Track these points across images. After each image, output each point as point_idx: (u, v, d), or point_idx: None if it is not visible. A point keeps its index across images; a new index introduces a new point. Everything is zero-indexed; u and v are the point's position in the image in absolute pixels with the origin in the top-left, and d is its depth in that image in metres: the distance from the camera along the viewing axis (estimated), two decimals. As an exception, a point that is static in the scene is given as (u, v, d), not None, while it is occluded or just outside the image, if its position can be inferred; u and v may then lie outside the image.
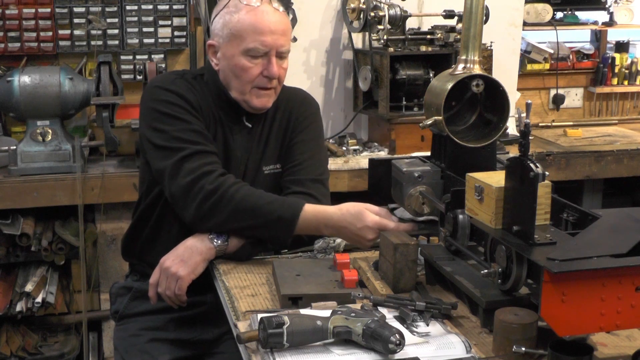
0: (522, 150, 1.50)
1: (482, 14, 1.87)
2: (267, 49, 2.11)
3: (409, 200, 1.94)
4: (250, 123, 2.21)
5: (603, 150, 3.65)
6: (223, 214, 2.00)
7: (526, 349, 1.43)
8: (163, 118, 2.10)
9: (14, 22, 3.48)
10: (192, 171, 2.02)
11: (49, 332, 3.42)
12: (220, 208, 2.00)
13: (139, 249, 2.28)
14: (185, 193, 2.02)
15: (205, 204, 2.00)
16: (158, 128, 2.10)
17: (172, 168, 2.04)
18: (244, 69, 2.12)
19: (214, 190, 2.00)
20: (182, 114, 2.10)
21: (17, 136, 3.45)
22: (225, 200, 1.99)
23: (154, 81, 2.21)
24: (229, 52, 2.13)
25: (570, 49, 4.34)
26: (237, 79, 2.14)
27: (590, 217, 1.58)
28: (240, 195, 2.00)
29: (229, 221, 2.00)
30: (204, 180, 2.01)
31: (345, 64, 3.66)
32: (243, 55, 2.11)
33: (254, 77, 2.13)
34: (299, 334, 1.48)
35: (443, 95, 1.87)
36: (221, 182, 2.01)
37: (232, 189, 2.01)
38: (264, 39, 2.10)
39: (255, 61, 2.12)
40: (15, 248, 3.25)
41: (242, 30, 2.10)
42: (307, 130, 2.26)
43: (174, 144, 2.06)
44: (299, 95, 2.34)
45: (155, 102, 2.12)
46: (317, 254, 2.07)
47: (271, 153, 2.24)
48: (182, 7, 3.63)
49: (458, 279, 1.71)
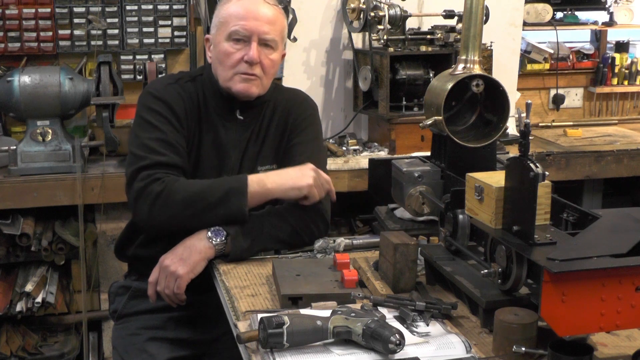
0: (522, 150, 1.50)
1: (482, 14, 1.87)
2: (248, 33, 2.14)
3: (409, 200, 1.94)
4: (242, 116, 2.22)
5: (603, 150, 3.64)
6: (176, 206, 2.03)
7: (526, 349, 1.43)
8: (143, 124, 2.16)
9: (14, 22, 3.48)
10: (144, 178, 2.07)
11: (49, 332, 3.42)
12: (170, 202, 2.03)
13: (133, 250, 2.29)
14: (137, 198, 2.07)
15: (156, 203, 2.04)
16: (135, 133, 2.17)
17: (130, 175, 2.10)
18: (227, 54, 2.15)
19: (161, 190, 2.04)
20: (160, 123, 2.14)
21: (17, 136, 3.45)
22: (172, 194, 2.03)
23: (149, 86, 2.27)
24: (216, 40, 2.19)
25: (570, 49, 4.34)
26: (221, 65, 2.18)
27: (590, 217, 1.58)
28: (184, 184, 2.05)
29: (183, 209, 2.03)
30: (152, 185, 2.05)
31: (345, 64, 3.66)
32: (226, 40, 2.16)
33: (236, 62, 2.15)
34: (299, 334, 1.48)
35: (443, 95, 1.87)
36: (167, 182, 2.06)
37: (176, 183, 2.06)
38: (245, 23, 2.13)
39: (237, 46, 2.15)
40: (15, 248, 3.25)
41: (228, 16, 2.16)
42: (306, 132, 2.27)
43: (139, 152, 2.11)
44: (298, 97, 2.35)
45: (142, 108, 2.19)
46: (317, 254, 2.07)
47: (267, 153, 2.25)
48: (182, 7, 3.63)
49: (458, 279, 1.71)
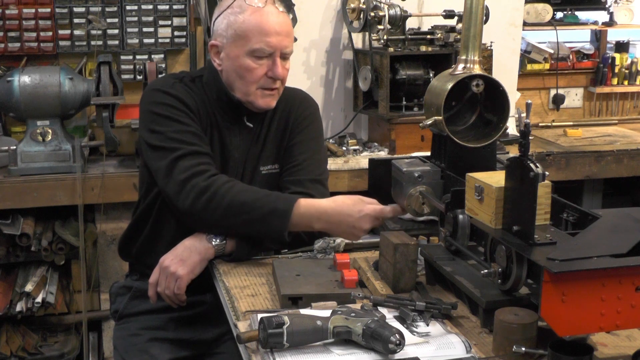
0: (522, 150, 1.50)
1: (482, 14, 1.87)
2: (272, 50, 2.11)
3: (409, 200, 1.94)
4: (251, 123, 2.22)
5: (603, 150, 3.65)
6: (219, 210, 2.00)
7: (526, 349, 1.43)
8: (160, 120, 2.11)
9: (14, 22, 3.48)
10: (186, 169, 2.04)
11: (49, 332, 3.42)
12: (215, 204, 2.00)
13: (137, 249, 2.28)
14: (178, 190, 2.03)
15: (200, 201, 2.00)
16: (155, 129, 2.12)
17: (167, 167, 2.06)
18: (249, 70, 2.12)
19: (207, 187, 2.01)
20: (179, 116, 2.11)
21: (17, 136, 3.45)
22: (219, 196, 2.00)
23: (153, 84, 2.23)
24: (234, 53, 2.13)
25: (570, 49, 4.34)
26: (242, 79, 2.14)
27: (590, 217, 1.58)
28: (234, 191, 2.02)
29: (225, 216, 2.00)
30: (197, 178, 2.02)
31: (345, 64, 3.66)
32: (248, 56, 2.12)
33: (259, 78, 2.13)
34: (299, 334, 1.48)
35: (443, 95, 1.87)
36: (213, 180, 2.03)
37: (225, 186, 2.02)
38: (269, 40, 2.10)
39: (260, 62, 2.12)
40: (15, 248, 3.25)
41: (248, 30, 2.10)
42: (306, 131, 2.26)
43: (169, 144, 2.08)
44: (298, 96, 2.34)
45: (153, 105, 2.14)
46: (317, 254, 2.07)
47: (269, 153, 2.24)
48: (182, 7, 3.63)
49: (458, 279, 1.71)
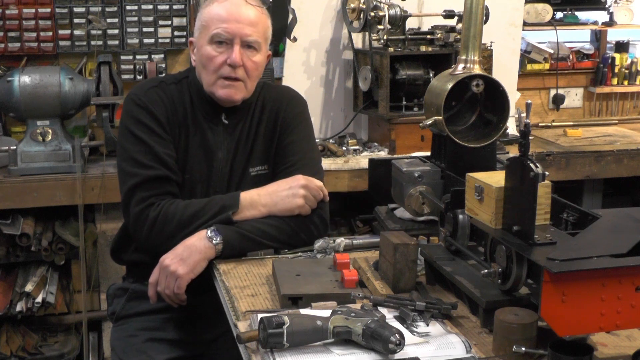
0: (522, 150, 1.50)
1: (482, 14, 1.87)
2: (230, 36, 2.12)
3: (409, 200, 1.94)
4: (228, 120, 2.21)
5: (603, 150, 3.65)
6: (172, 229, 2.06)
7: (526, 349, 1.43)
8: (128, 136, 2.16)
9: (14, 22, 3.48)
10: (140, 202, 2.10)
11: (49, 332, 3.42)
12: (166, 227, 2.07)
13: (128, 256, 2.29)
14: (134, 223, 2.11)
15: (153, 230, 2.07)
16: (122, 145, 2.18)
17: (125, 196, 2.14)
18: (209, 58, 2.14)
19: (157, 215, 2.07)
20: (145, 135, 2.14)
21: (17, 136, 3.46)
22: (169, 217, 2.07)
23: (132, 90, 2.23)
24: (199, 44, 2.17)
25: (570, 49, 4.34)
26: (205, 69, 2.16)
27: (590, 217, 1.58)
28: (180, 208, 2.08)
29: (180, 231, 2.06)
30: (148, 210, 2.09)
31: (345, 64, 3.66)
32: (209, 43, 2.14)
33: (219, 66, 2.13)
34: (299, 334, 1.48)
35: (443, 95, 1.87)
36: (162, 205, 2.08)
37: (172, 206, 2.08)
38: (226, 26, 2.12)
39: (220, 49, 2.13)
40: (15, 248, 3.25)
41: (209, 19, 2.14)
42: (296, 130, 2.25)
43: (128, 168, 2.13)
44: (286, 95, 2.32)
45: (126, 117, 2.18)
46: (317, 254, 2.07)
47: (258, 154, 2.23)
48: (182, 7, 3.63)
49: (458, 279, 1.71)
